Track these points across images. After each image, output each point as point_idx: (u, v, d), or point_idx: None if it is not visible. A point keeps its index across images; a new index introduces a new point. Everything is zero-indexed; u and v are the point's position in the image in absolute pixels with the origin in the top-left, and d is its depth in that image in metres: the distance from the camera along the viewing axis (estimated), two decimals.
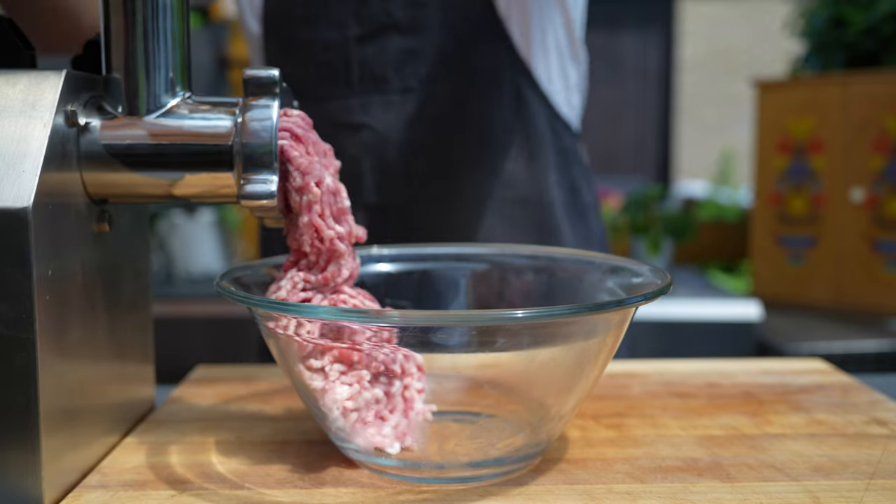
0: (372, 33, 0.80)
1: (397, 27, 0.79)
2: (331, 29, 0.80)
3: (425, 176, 0.81)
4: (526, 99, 0.82)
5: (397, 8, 0.79)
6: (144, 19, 0.49)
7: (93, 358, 0.51)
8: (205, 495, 0.46)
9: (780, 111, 2.74)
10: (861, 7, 2.74)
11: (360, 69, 0.80)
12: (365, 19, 0.79)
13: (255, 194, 0.49)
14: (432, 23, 0.79)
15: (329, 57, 0.81)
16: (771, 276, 2.78)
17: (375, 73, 0.80)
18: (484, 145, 0.81)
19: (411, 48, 0.79)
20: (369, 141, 0.81)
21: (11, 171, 0.43)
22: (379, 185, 0.81)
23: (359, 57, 0.80)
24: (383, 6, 0.79)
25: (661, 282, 0.49)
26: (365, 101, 0.81)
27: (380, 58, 0.80)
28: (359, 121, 0.81)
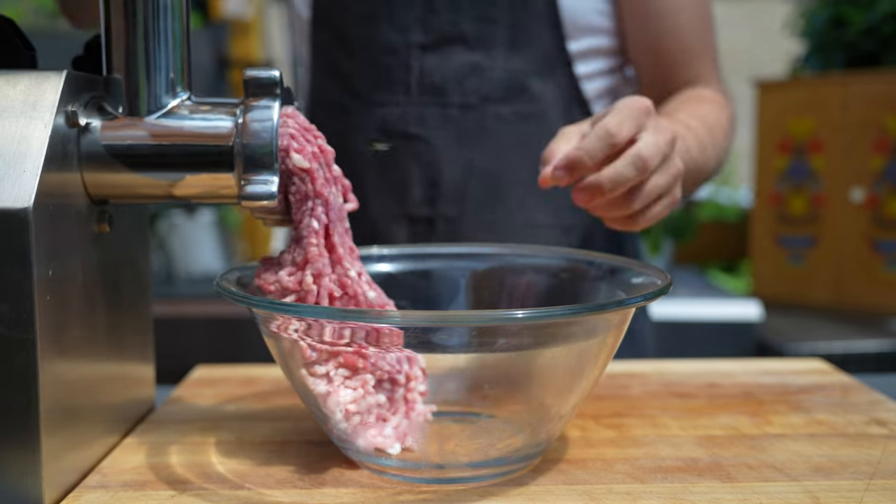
0: (436, 42, 0.78)
1: (463, 40, 0.78)
2: (393, 32, 0.79)
3: (476, 195, 0.80)
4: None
5: (466, 20, 0.77)
6: (145, 20, 0.49)
7: (93, 358, 0.51)
8: (205, 495, 0.46)
9: (780, 111, 2.74)
10: (861, 7, 2.74)
11: (420, 78, 0.79)
12: (431, 27, 0.78)
13: (255, 195, 0.49)
14: (500, 40, 0.78)
15: (389, 60, 0.79)
16: (771, 276, 2.78)
17: (435, 85, 0.79)
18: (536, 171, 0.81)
19: (475, 63, 0.78)
20: (422, 153, 0.80)
21: (12, 172, 0.43)
22: (427, 198, 0.80)
23: (420, 65, 0.79)
24: (452, 16, 0.78)
25: (661, 282, 0.49)
26: (422, 111, 0.79)
27: (442, 69, 0.78)
28: (414, 131, 0.80)
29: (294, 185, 0.51)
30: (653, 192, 0.57)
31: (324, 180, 0.51)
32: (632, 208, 0.57)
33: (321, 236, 0.50)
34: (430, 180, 0.80)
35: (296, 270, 0.50)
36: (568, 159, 0.56)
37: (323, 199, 0.51)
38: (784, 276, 2.75)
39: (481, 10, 0.78)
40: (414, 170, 0.80)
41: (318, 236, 0.50)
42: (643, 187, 0.57)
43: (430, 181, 0.80)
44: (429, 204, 0.80)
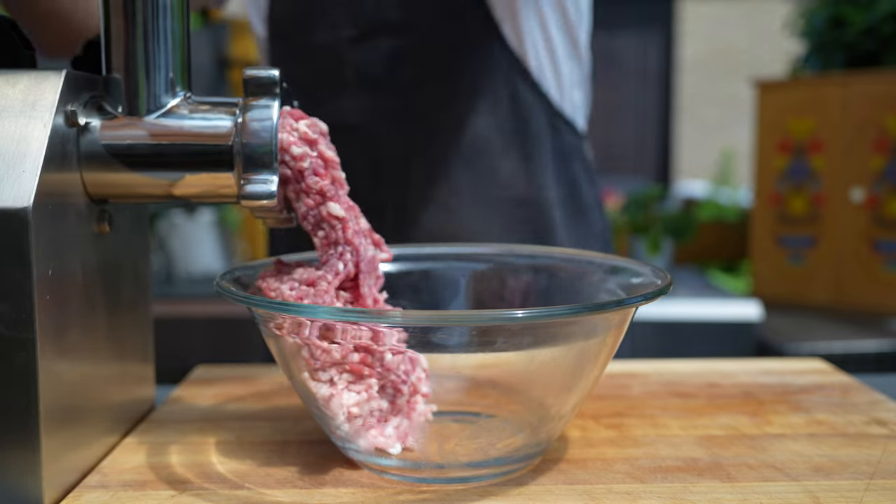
0: (364, 34, 0.79)
1: (389, 27, 0.79)
2: (326, 31, 0.80)
3: (421, 176, 0.81)
4: (522, 98, 0.82)
5: (390, 8, 0.79)
6: (145, 19, 0.49)
7: (93, 358, 0.51)
8: (205, 495, 0.46)
9: (780, 111, 2.74)
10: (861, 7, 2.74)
11: (353, 70, 0.80)
12: (358, 20, 0.79)
13: (255, 194, 0.49)
14: (424, 22, 0.79)
15: (325, 59, 0.81)
16: (771, 276, 2.78)
17: (368, 74, 0.80)
18: (479, 145, 0.81)
19: (403, 48, 0.79)
20: (364, 142, 0.81)
21: (11, 171, 0.43)
22: (374, 187, 0.81)
23: (352, 58, 0.80)
24: (375, 6, 0.79)
25: (661, 282, 0.49)
26: (358, 102, 0.81)
27: (372, 58, 0.80)
28: (353, 122, 0.81)
29: (324, 230, 0.51)
30: None
31: (354, 231, 0.52)
32: None
33: (338, 278, 0.50)
34: (373, 168, 0.81)
35: (299, 286, 0.50)
36: None
37: (353, 246, 0.51)
38: (784, 276, 2.75)
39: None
40: (357, 160, 0.81)
41: (336, 278, 0.50)
42: None
43: (373, 169, 0.81)
44: (374, 191, 0.81)
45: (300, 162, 0.50)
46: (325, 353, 0.47)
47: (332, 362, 0.47)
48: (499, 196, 0.82)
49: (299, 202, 0.51)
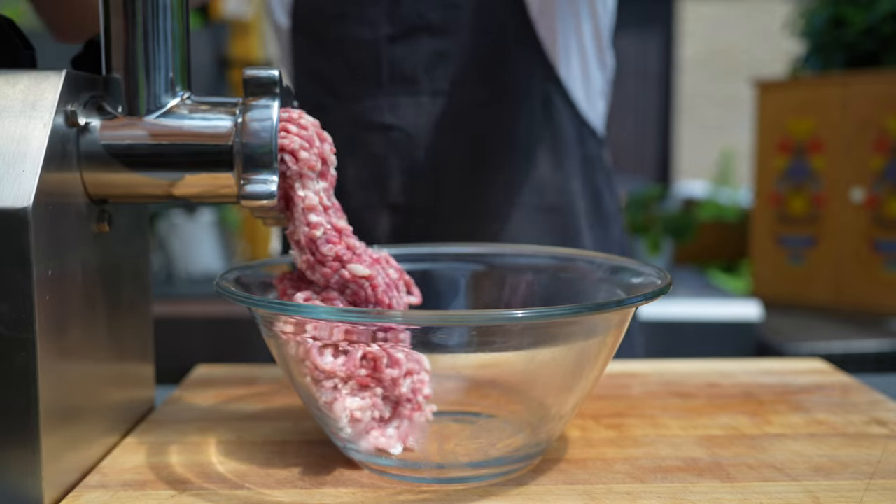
0: (404, 33, 0.79)
1: (429, 28, 0.79)
2: (362, 27, 0.80)
3: (453, 179, 0.81)
4: (554, 105, 0.82)
5: (430, 9, 0.79)
6: (144, 20, 0.49)
7: (93, 358, 0.51)
8: (205, 495, 0.46)
9: (780, 111, 2.74)
10: (861, 7, 2.74)
11: (390, 69, 0.80)
12: (397, 19, 0.79)
13: (255, 194, 0.49)
14: (464, 25, 0.79)
15: (360, 55, 0.80)
16: (771, 276, 2.78)
17: (406, 74, 0.80)
18: (512, 150, 0.81)
19: (442, 50, 0.79)
20: (398, 141, 0.81)
21: (11, 171, 0.43)
22: (406, 186, 0.81)
23: (389, 57, 0.80)
24: (416, 7, 0.79)
25: (661, 282, 0.49)
26: (394, 101, 0.80)
27: (411, 58, 0.79)
28: (388, 121, 0.81)
29: (351, 290, 0.50)
30: None
31: (384, 288, 0.51)
32: None
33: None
34: (407, 169, 0.81)
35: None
36: None
37: (383, 306, 0.51)
38: (784, 276, 2.75)
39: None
40: (391, 160, 0.81)
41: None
42: None
43: (407, 170, 0.81)
44: (406, 192, 0.81)
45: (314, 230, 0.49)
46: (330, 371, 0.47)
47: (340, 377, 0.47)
48: (530, 203, 0.82)
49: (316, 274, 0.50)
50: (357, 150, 0.81)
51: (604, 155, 0.89)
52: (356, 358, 0.47)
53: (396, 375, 0.48)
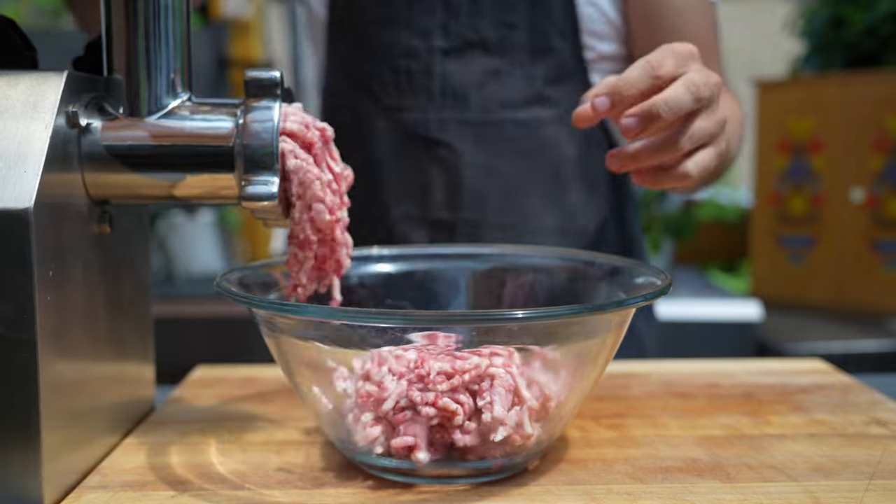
0: (458, 48, 0.78)
1: (484, 45, 0.78)
2: (414, 36, 0.79)
3: (495, 200, 0.81)
4: (594, 132, 0.82)
5: (486, 26, 0.78)
6: (146, 20, 0.49)
7: (93, 358, 0.51)
8: (205, 495, 0.46)
9: (780, 111, 2.74)
10: (861, 7, 2.74)
11: (441, 82, 0.79)
12: (452, 32, 0.78)
13: (256, 195, 0.49)
14: (519, 45, 0.78)
15: (410, 65, 0.79)
16: (771, 276, 2.78)
17: (457, 90, 0.79)
18: (554, 175, 0.81)
19: (496, 68, 0.79)
20: (444, 157, 0.80)
21: (13, 172, 0.43)
22: (449, 202, 0.81)
23: (441, 70, 0.79)
24: (472, 22, 0.78)
25: (661, 282, 0.49)
26: (443, 116, 0.80)
27: (463, 74, 0.79)
28: (435, 136, 0.80)
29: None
30: (699, 133, 0.54)
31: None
32: (680, 148, 0.54)
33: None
34: (451, 185, 0.80)
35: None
36: (609, 86, 0.53)
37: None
38: (784, 276, 2.74)
39: (502, 16, 0.78)
40: (435, 174, 0.80)
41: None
42: (689, 127, 0.54)
43: (451, 186, 0.80)
44: (450, 208, 0.81)
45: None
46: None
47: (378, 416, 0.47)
48: (564, 227, 0.82)
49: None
50: (399, 162, 0.81)
51: (630, 183, 0.89)
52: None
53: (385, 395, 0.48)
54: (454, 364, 0.46)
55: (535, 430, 0.47)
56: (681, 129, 0.54)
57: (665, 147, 0.54)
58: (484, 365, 0.46)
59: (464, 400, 0.46)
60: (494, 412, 0.45)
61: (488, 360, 0.46)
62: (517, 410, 0.46)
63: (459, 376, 0.46)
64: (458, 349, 0.47)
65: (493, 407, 0.45)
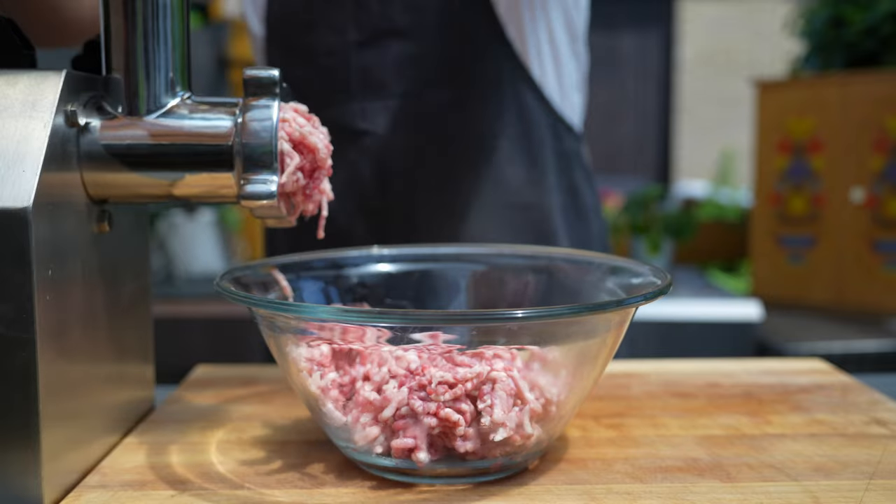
0: (371, 38, 0.79)
1: (397, 32, 0.79)
2: (331, 34, 0.80)
3: (427, 180, 0.81)
4: (526, 103, 0.82)
5: (396, 13, 0.79)
6: (144, 19, 0.49)
7: (93, 358, 0.51)
8: (205, 495, 0.46)
9: (780, 111, 2.74)
10: (861, 7, 2.74)
11: (360, 74, 0.80)
12: (364, 24, 0.79)
13: (255, 194, 0.49)
14: (431, 27, 0.79)
15: (329, 62, 0.81)
16: (771, 276, 2.78)
17: (375, 79, 0.80)
18: (485, 150, 0.81)
19: (411, 53, 0.79)
20: (370, 146, 0.81)
21: (11, 171, 0.43)
22: (380, 189, 0.81)
23: (359, 62, 0.80)
24: (382, 11, 0.79)
25: (661, 282, 0.49)
26: (365, 106, 0.80)
27: (379, 63, 0.80)
28: (360, 126, 0.81)
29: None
30: None
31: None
32: None
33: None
34: (381, 172, 0.81)
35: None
36: None
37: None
38: (784, 276, 2.74)
39: (409, 1, 0.79)
40: (364, 164, 0.81)
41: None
42: None
43: (381, 173, 0.81)
44: (381, 196, 0.81)
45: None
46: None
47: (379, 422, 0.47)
48: (504, 202, 0.82)
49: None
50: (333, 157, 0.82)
51: (582, 150, 0.89)
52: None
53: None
54: (456, 373, 0.46)
55: (535, 431, 0.47)
56: None
57: None
58: (486, 372, 0.46)
59: (465, 409, 0.46)
60: (494, 416, 0.45)
61: (490, 367, 0.46)
62: (517, 411, 0.46)
63: (462, 385, 0.46)
64: (461, 350, 0.47)
65: (493, 410, 0.45)
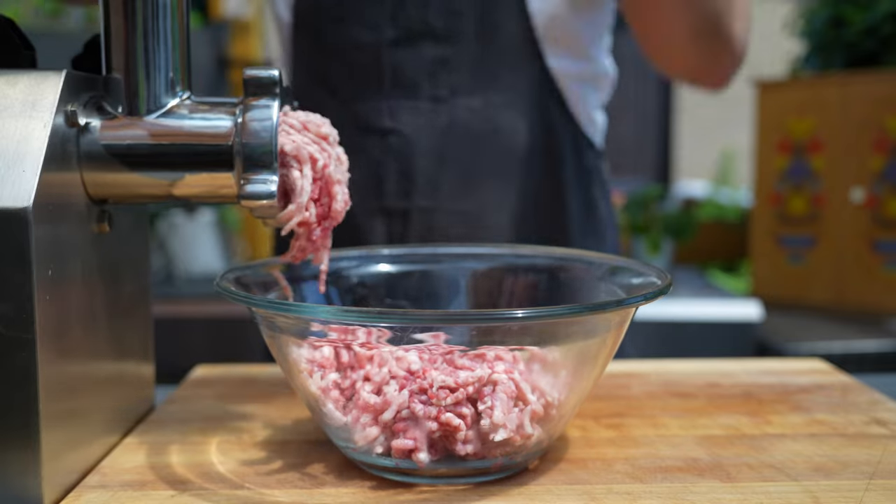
0: (406, 38, 0.79)
1: (433, 34, 0.79)
2: (364, 30, 0.80)
3: (450, 185, 0.81)
4: (552, 116, 0.83)
5: (434, 15, 0.79)
6: (144, 19, 0.49)
7: (93, 358, 0.51)
8: (205, 495, 0.46)
9: (780, 111, 2.74)
10: (861, 7, 2.73)
11: (391, 73, 0.80)
12: (400, 23, 0.79)
13: (255, 194, 0.49)
14: (468, 33, 0.79)
15: (361, 58, 0.81)
16: (771, 276, 2.78)
17: (407, 79, 0.80)
18: (509, 160, 0.82)
19: (445, 57, 0.80)
20: (396, 146, 0.81)
21: (11, 171, 0.43)
22: (402, 191, 0.81)
23: (391, 61, 0.80)
24: (420, 12, 0.79)
25: (661, 282, 0.49)
26: (394, 105, 0.81)
27: (413, 64, 0.80)
28: (387, 125, 0.81)
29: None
30: None
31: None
32: None
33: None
34: (404, 173, 0.81)
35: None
36: None
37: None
38: (784, 276, 2.74)
39: (448, 5, 0.79)
40: (388, 163, 0.81)
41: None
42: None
43: (404, 174, 0.81)
44: (403, 197, 0.81)
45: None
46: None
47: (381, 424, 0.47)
48: (524, 212, 0.83)
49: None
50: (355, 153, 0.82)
51: (602, 167, 0.90)
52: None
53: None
54: (457, 377, 0.46)
55: (536, 431, 0.47)
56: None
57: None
58: (487, 375, 0.46)
59: (466, 412, 0.46)
60: (494, 418, 0.45)
61: (491, 370, 0.46)
62: (518, 412, 0.46)
63: (463, 389, 0.46)
64: (462, 353, 0.47)
65: (493, 412, 0.45)
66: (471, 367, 0.47)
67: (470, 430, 0.46)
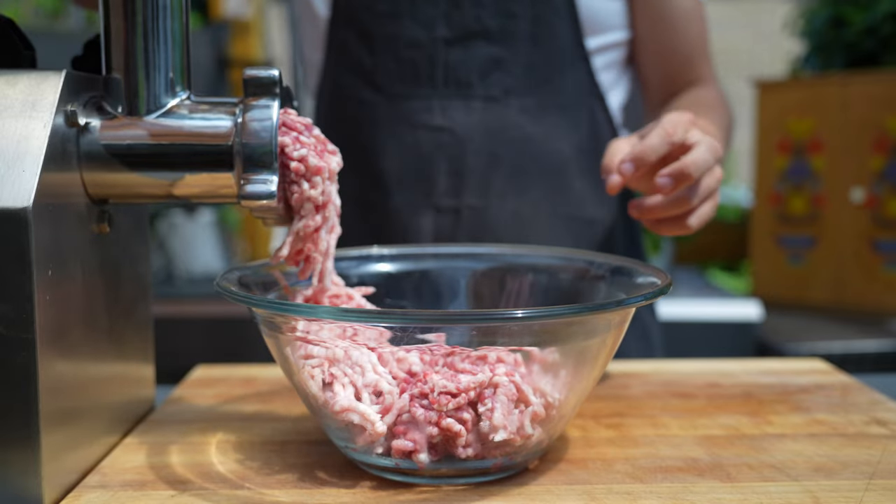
0: (461, 37, 0.80)
1: (486, 34, 0.80)
2: (418, 27, 0.80)
3: (501, 185, 0.81)
4: (598, 121, 0.83)
5: (488, 15, 0.80)
6: (144, 20, 0.49)
7: (93, 358, 0.51)
8: (205, 495, 0.46)
9: (780, 111, 2.73)
10: (861, 7, 2.73)
11: (444, 71, 0.81)
12: (455, 23, 0.80)
13: (255, 194, 0.49)
14: (522, 35, 0.80)
15: (413, 55, 0.81)
16: (771, 276, 2.78)
17: (460, 78, 0.81)
18: (558, 161, 0.82)
19: (498, 57, 0.80)
20: (447, 144, 0.81)
21: (11, 171, 0.43)
22: (453, 189, 0.81)
23: (445, 59, 0.80)
24: (475, 12, 0.80)
25: (661, 282, 0.49)
26: (446, 103, 0.81)
27: (466, 63, 0.80)
28: (438, 123, 0.81)
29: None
30: (705, 191, 0.62)
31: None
32: (691, 204, 0.61)
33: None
34: (455, 172, 0.81)
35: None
36: (634, 155, 0.60)
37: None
38: (784, 276, 2.74)
39: (503, 6, 0.80)
40: (439, 161, 0.81)
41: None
42: (699, 185, 0.61)
43: (455, 173, 0.81)
44: (454, 195, 0.81)
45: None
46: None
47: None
48: (569, 214, 0.83)
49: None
50: (402, 149, 0.82)
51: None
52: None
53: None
54: (458, 382, 0.46)
55: (535, 431, 0.47)
56: (692, 187, 0.61)
57: (678, 204, 0.61)
58: (488, 379, 0.46)
59: (466, 417, 0.46)
60: (494, 419, 0.45)
61: (491, 373, 0.46)
62: (518, 413, 0.46)
63: (465, 395, 0.45)
64: (463, 358, 0.47)
65: (493, 415, 0.45)
66: (472, 371, 0.46)
67: (470, 434, 0.46)
